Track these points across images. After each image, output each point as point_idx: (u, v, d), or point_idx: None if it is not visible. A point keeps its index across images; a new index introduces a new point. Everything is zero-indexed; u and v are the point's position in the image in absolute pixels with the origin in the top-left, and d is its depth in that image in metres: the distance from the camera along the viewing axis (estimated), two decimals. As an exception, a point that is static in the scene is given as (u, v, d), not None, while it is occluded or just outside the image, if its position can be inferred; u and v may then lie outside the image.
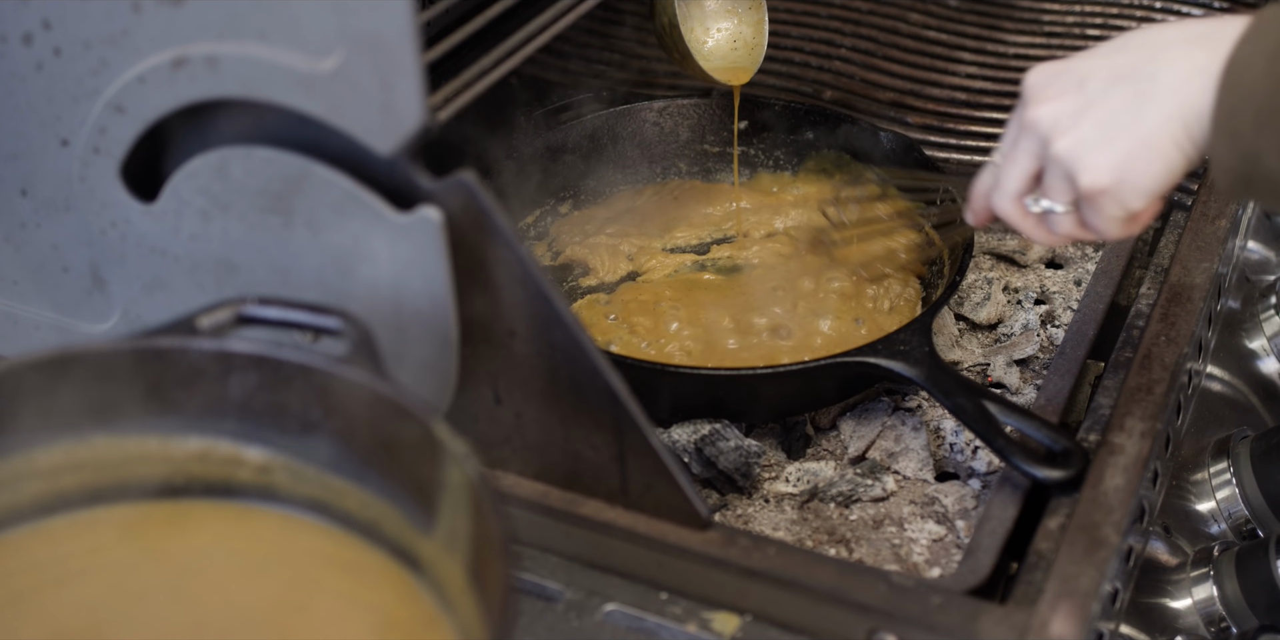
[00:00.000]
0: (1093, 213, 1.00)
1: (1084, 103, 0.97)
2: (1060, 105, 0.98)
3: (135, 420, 0.89)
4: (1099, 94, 0.96)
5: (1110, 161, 0.96)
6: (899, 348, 1.15)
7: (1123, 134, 0.95)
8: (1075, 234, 1.04)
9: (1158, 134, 0.93)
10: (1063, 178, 0.99)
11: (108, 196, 1.02)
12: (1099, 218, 1.00)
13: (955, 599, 0.96)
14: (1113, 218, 0.99)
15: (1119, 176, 0.96)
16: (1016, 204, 1.05)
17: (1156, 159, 0.94)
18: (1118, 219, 1.00)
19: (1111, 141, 0.95)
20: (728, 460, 1.16)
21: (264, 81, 0.91)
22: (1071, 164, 0.98)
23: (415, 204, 0.93)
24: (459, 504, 0.80)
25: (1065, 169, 0.98)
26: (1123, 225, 1.01)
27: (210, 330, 0.89)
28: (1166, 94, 0.93)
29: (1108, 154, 0.96)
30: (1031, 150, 1.01)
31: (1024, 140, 1.02)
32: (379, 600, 0.84)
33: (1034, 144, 1.01)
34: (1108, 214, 0.99)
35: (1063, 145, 0.98)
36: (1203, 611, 1.16)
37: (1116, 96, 0.95)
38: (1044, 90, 1.00)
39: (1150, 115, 0.93)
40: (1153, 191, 0.97)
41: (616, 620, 1.00)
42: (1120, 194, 0.97)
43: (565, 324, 0.95)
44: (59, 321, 1.13)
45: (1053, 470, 1.05)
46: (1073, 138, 0.97)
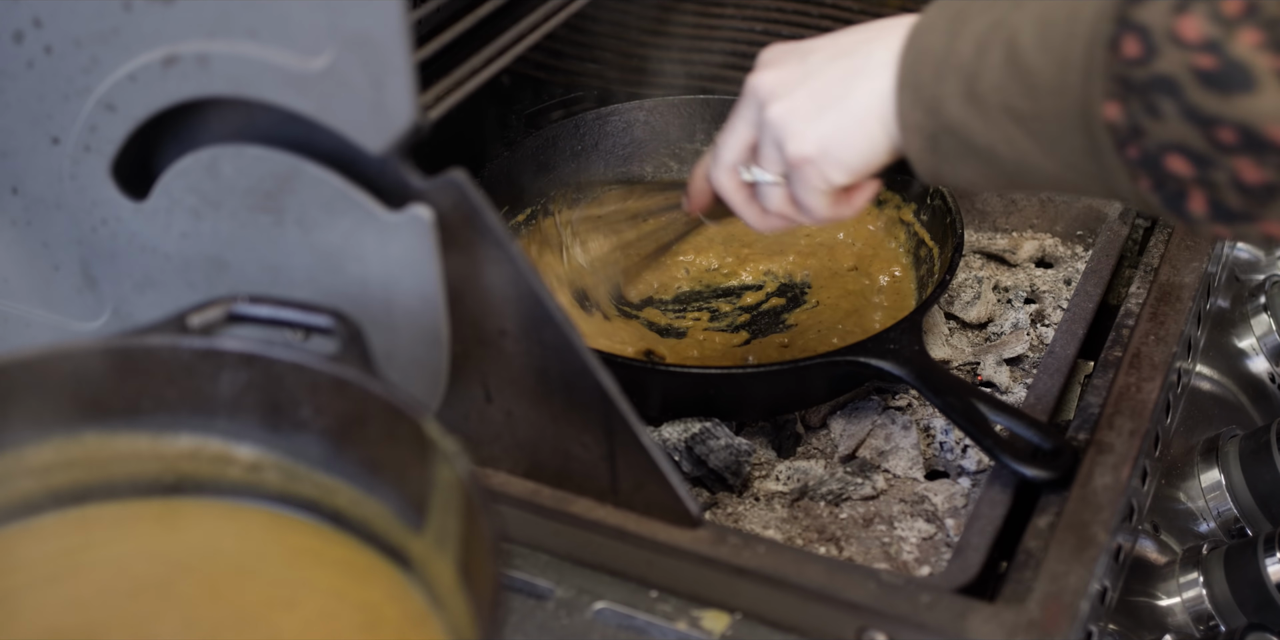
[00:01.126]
0: (799, 185, 0.99)
1: (803, 73, 0.97)
2: (780, 74, 0.98)
3: (126, 418, 0.89)
4: (818, 66, 0.96)
5: (817, 132, 0.96)
6: (888, 346, 1.15)
7: (832, 106, 0.95)
8: (786, 212, 1.04)
9: (865, 109, 0.94)
10: (773, 144, 0.99)
11: (98, 195, 1.02)
12: (805, 190, 0.99)
13: (944, 597, 0.96)
14: (818, 191, 0.99)
15: (823, 147, 0.96)
16: (732, 174, 1.05)
17: (861, 134, 0.94)
18: (823, 193, 0.99)
19: (821, 112, 0.96)
20: (718, 459, 1.16)
21: (254, 80, 0.91)
22: (781, 131, 0.97)
23: (406, 203, 0.93)
24: (449, 502, 0.80)
25: (775, 135, 0.98)
26: (830, 202, 1.00)
27: (201, 328, 0.89)
28: (878, 69, 0.93)
29: (816, 124, 0.96)
30: (749, 117, 1.01)
31: (743, 107, 1.02)
32: (369, 598, 0.85)
33: (751, 111, 1.01)
34: (812, 185, 0.99)
35: (775, 111, 0.97)
36: (1191, 610, 1.16)
37: (833, 70, 0.95)
38: (771, 61, 1.00)
39: (860, 90, 0.94)
40: (855, 167, 0.96)
41: (606, 618, 1.00)
42: (823, 166, 0.97)
43: (556, 323, 0.95)
44: (50, 319, 1.13)
45: (1042, 469, 1.06)
46: (786, 105, 0.97)
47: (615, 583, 1.02)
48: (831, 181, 0.98)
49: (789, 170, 1.00)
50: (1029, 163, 0.86)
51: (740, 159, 1.04)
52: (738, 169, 1.05)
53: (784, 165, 1.00)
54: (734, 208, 1.07)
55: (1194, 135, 0.78)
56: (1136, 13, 0.78)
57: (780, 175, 1.01)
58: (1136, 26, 0.78)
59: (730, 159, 1.04)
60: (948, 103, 0.88)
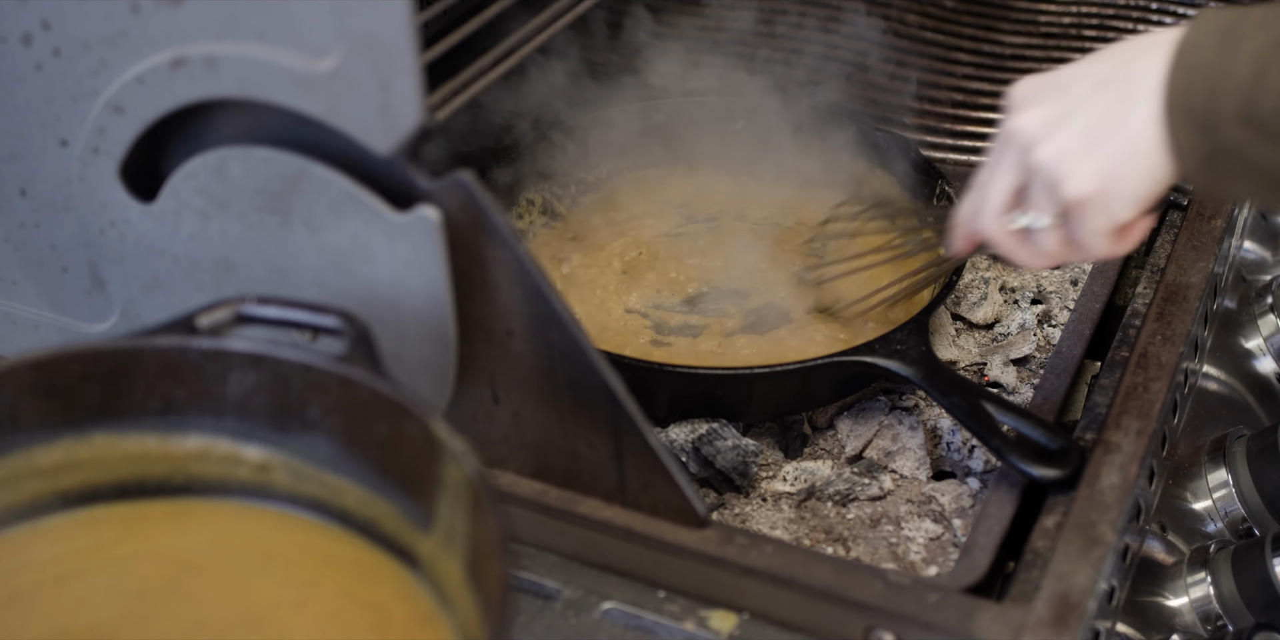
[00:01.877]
0: (1078, 226, 0.96)
1: (1066, 110, 0.94)
2: (1041, 113, 0.95)
3: (134, 419, 0.89)
4: (1081, 100, 0.93)
5: (1094, 168, 0.92)
6: (895, 347, 1.16)
7: (1106, 139, 0.92)
8: (1062, 253, 1.00)
9: (1143, 137, 0.90)
10: (1046, 188, 0.95)
11: (106, 196, 1.03)
12: (1085, 231, 0.96)
13: (952, 597, 0.96)
14: (1099, 231, 0.95)
15: (1104, 184, 0.92)
16: (999, 221, 1.01)
17: (1142, 165, 0.91)
18: (1104, 233, 0.95)
19: (1095, 147, 0.92)
20: (725, 459, 1.16)
21: (262, 81, 0.92)
22: (1054, 173, 0.94)
23: (413, 203, 0.94)
24: (457, 502, 0.80)
25: (1048, 179, 0.94)
26: (1110, 241, 0.97)
27: (209, 329, 0.89)
28: (1148, 94, 0.90)
29: (1092, 160, 0.92)
30: (1014, 162, 0.97)
31: (1006, 153, 0.98)
32: (377, 598, 0.85)
33: (1016, 155, 0.97)
34: (1094, 226, 0.95)
35: (1044, 153, 0.94)
36: (1199, 610, 1.16)
37: (1099, 102, 0.92)
38: (1027, 100, 0.97)
39: (1134, 118, 0.90)
40: (1140, 199, 0.93)
41: (614, 618, 1.00)
42: (1106, 203, 0.93)
43: (563, 323, 0.95)
44: (58, 321, 1.13)
45: (1049, 469, 1.06)
46: (1055, 145, 0.94)
47: (623, 583, 1.02)
48: (1116, 219, 0.94)
49: (1066, 212, 0.96)
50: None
51: (1008, 205, 1.00)
52: (1005, 215, 1.00)
53: (1059, 208, 0.96)
54: (1005, 252, 1.03)
55: None
56: None
57: (1055, 217, 0.97)
58: None
59: (997, 205, 1.00)
60: (1225, 124, 0.86)
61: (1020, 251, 1.02)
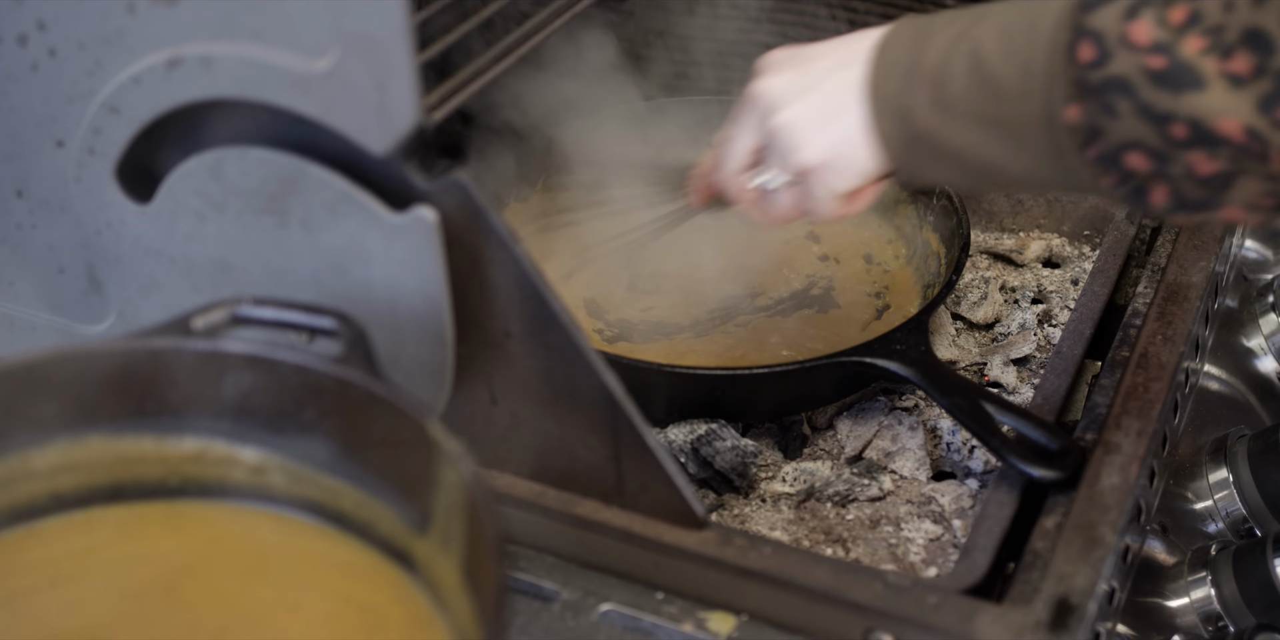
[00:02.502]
0: (808, 191, 1.01)
1: (807, 82, 0.98)
2: (784, 80, 0.99)
3: (130, 421, 0.88)
4: (821, 75, 0.97)
5: (825, 140, 0.97)
6: (895, 347, 1.15)
7: (837, 116, 0.96)
8: (794, 212, 1.05)
9: (861, 120, 0.95)
10: (781, 152, 1.00)
11: (103, 197, 1.02)
12: (814, 196, 1.01)
13: (951, 598, 0.96)
14: (824, 198, 1.00)
15: (832, 155, 0.97)
16: (738, 178, 1.06)
17: (866, 142, 0.95)
18: (830, 199, 1.01)
19: (827, 121, 0.96)
20: (724, 460, 1.16)
21: (258, 81, 0.91)
22: (790, 138, 0.98)
23: (410, 204, 0.93)
24: (453, 504, 0.80)
25: (784, 143, 0.99)
26: (838, 204, 1.02)
27: (204, 331, 0.88)
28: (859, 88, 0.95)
29: (823, 133, 0.97)
30: (755, 123, 1.02)
31: (750, 114, 1.02)
32: (373, 600, 0.84)
33: (758, 117, 1.01)
34: (819, 194, 1.00)
35: (782, 119, 0.98)
36: (1200, 611, 1.16)
37: (836, 80, 0.96)
38: (774, 66, 1.01)
39: (856, 103, 0.95)
40: (862, 173, 0.98)
41: (613, 620, 1.00)
42: (831, 173, 0.98)
43: (561, 324, 0.95)
44: (55, 323, 1.13)
45: (1049, 469, 1.05)
46: (791, 113, 0.98)
47: (621, 584, 1.02)
48: (841, 187, 1.00)
49: (797, 177, 1.01)
50: (997, 164, 0.90)
51: (746, 164, 1.05)
52: (743, 172, 1.05)
53: (792, 172, 1.01)
54: (741, 208, 1.09)
55: (1149, 132, 0.82)
56: (1090, 19, 0.83)
57: (787, 180, 1.02)
58: (1091, 32, 0.83)
59: (736, 164, 1.05)
60: (917, 111, 0.91)
61: (755, 208, 1.08)
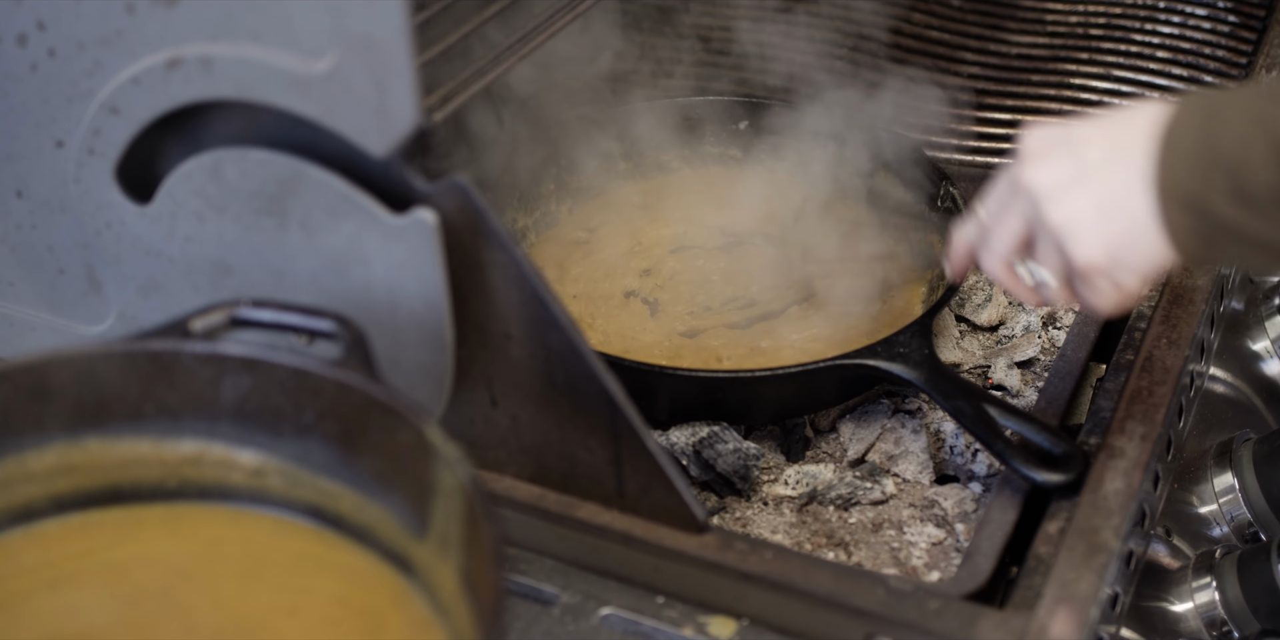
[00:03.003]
0: (1085, 288, 0.96)
1: (1080, 174, 0.93)
2: (1056, 172, 0.94)
3: (129, 423, 0.88)
4: (1095, 167, 0.92)
5: (1104, 240, 0.92)
6: (898, 350, 1.15)
7: (1118, 214, 0.91)
8: (1066, 303, 1.03)
9: (1150, 216, 0.90)
10: (1055, 249, 0.96)
11: (103, 198, 1.02)
12: (1091, 293, 0.96)
13: (953, 604, 0.95)
14: (1107, 295, 0.96)
15: (1112, 256, 0.92)
16: (1005, 267, 1.01)
17: (1150, 240, 0.91)
18: (1110, 296, 0.96)
19: (1106, 220, 0.92)
20: (726, 463, 1.15)
21: (257, 82, 0.91)
22: (1065, 237, 0.94)
23: (410, 206, 0.93)
24: (451, 508, 0.80)
25: (1058, 241, 0.95)
26: (1117, 300, 0.97)
27: (203, 333, 0.88)
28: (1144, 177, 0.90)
29: (1102, 232, 0.92)
30: (1023, 213, 0.97)
31: (1016, 202, 0.98)
32: (372, 605, 0.84)
33: (1027, 208, 0.97)
34: (1102, 291, 0.95)
35: (1057, 216, 0.94)
36: (1204, 615, 1.15)
37: (1114, 173, 0.91)
38: (1040, 153, 0.96)
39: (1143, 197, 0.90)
40: (1147, 271, 0.93)
41: (613, 624, 1.00)
42: (1113, 273, 0.94)
43: (561, 327, 0.94)
44: (55, 323, 1.12)
45: (1052, 474, 1.05)
46: (1068, 210, 0.93)
47: (622, 588, 1.02)
48: (1124, 288, 0.95)
49: (1073, 275, 0.96)
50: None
51: (1014, 252, 1.00)
52: (1010, 260, 1.01)
53: (1069, 270, 0.96)
54: (1009, 292, 1.04)
55: None
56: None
57: (1062, 276, 0.98)
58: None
59: (1004, 252, 1.00)
60: (1216, 204, 0.86)
61: (1025, 294, 1.03)
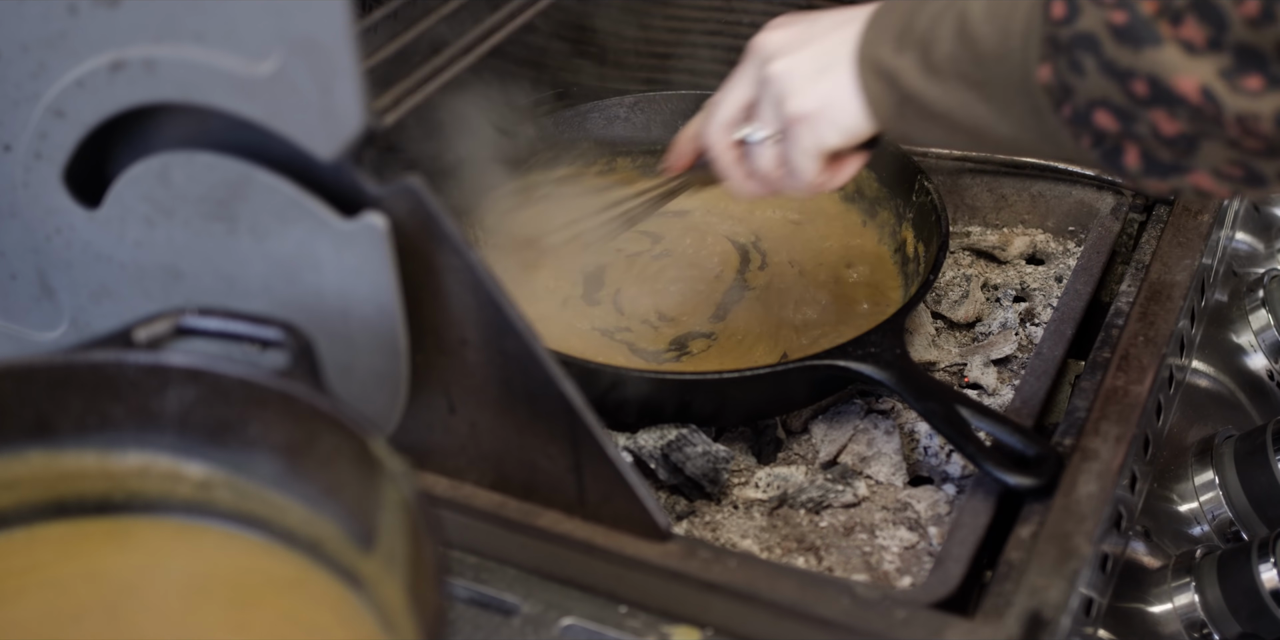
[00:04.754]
0: (793, 144, 1.00)
1: (808, 35, 0.99)
2: (787, 34, 1.00)
3: (72, 435, 0.86)
4: (824, 30, 0.98)
5: (818, 90, 0.97)
6: (869, 350, 1.12)
7: (832, 68, 0.96)
8: (774, 175, 1.04)
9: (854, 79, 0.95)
10: (773, 100, 1.00)
11: (51, 203, 1.00)
12: (798, 150, 1.00)
13: (920, 613, 0.93)
14: (810, 151, 1.00)
15: (822, 105, 0.97)
16: (725, 132, 1.05)
17: (858, 98, 0.95)
18: (814, 155, 1.00)
19: (822, 73, 0.97)
20: (695, 466, 1.13)
21: (202, 85, 0.89)
22: (783, 87, 0.99)
23: (361, 210, 0.91)
24: (396, 523, 0.78)
25: (776, 91, 0.99)
26: (819, 167, 1.01)
27: (147, 342, 0.86)
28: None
29: (817, 84, 0.97)
30: (750, 75, 1.02)
31: (745, 66, 1.03)
32: (319, 621, 0.82)
33: (753, 69, 1.02)
34: (805, 146, 0.99)
35: (778, 67, 0.99)
36: (1184, 617, 1.13)
37: (837, 34, 0.97)
38: (778, 24, 1.02)
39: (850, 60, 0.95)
40: (850, 128, 0.97)
41: (575, 634, 0.98)
42: (820, 124, 0.98)
43: (517, 332, 0.92)
44: (8, 329, 1.10)
45: (1025, 476, 1.02)
46: (789, 62, 0.98)
47: (584, 597, 0.99)
48: (825, 142, 0.99)
49: (785, 128, 1.00)
50: (984, 126, 0.90)
51: (736, 118, 1.05)
52: (731, 127, 1.05)
53: (781, 122, 1.00)
54: (720, 167, 1.07)
55: (1113, 89, 0.82)
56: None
57: (773, 134, 1.02)
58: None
59: (726, 116, 1.05)
60: (905, 73, 0.92)
61: (735, 169, 1.07)
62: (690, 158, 1.13)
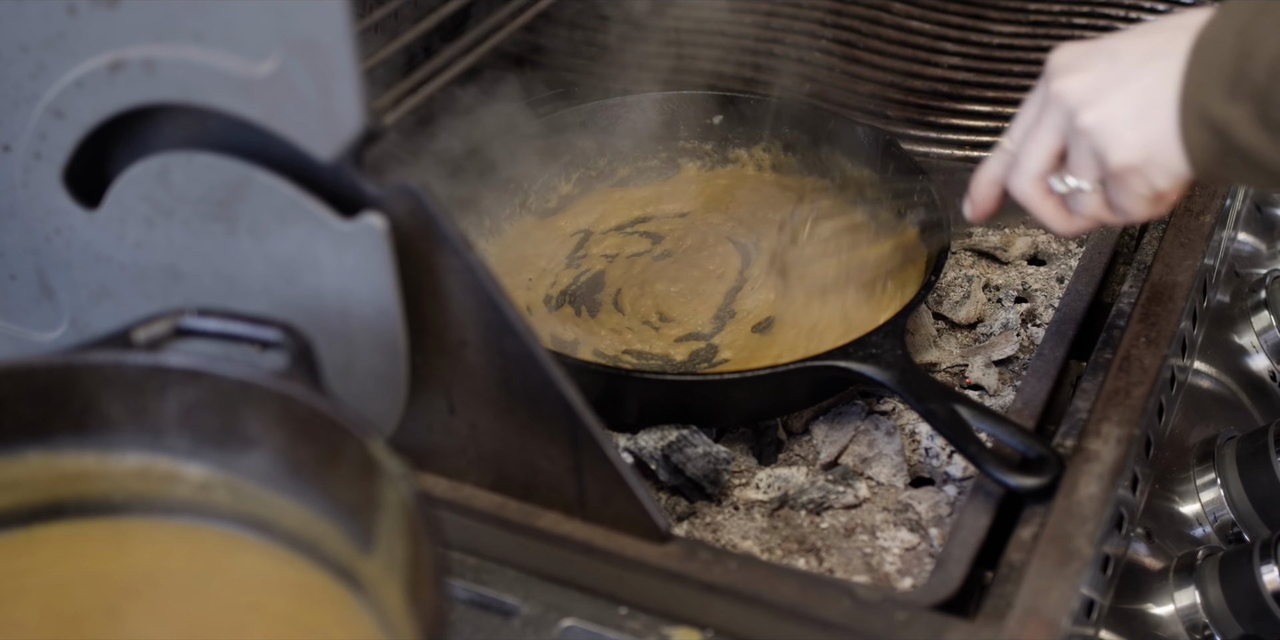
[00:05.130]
0: (1120, 192, 0.96)
1: (1116, 77, 0.93)
2: (1089, 78, 0.94)
3: (71, 437, 0.86)
4: (1132, 68, 0.92)
5: (1141, 137, 0.92)
6: (870, 351, 1.12)
7: (1157, 110, 0.91)
8: (1099, 216, 1.00)
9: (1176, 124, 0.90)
10: (1090, 154, 0.95)
11: (51, 203, 1.00)
12: (1127, 197, 0.96)
13: (920, 615, 0.93)
14: (1141, 197, 0.95)
15: (1149, 154, 0.92)
16: (1038, 185, 1.01)
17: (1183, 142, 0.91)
18: (1146, 198, 0.96)
19: (1144, 117, 0.91)
20: (695, 467, 1.13)
21: (201, 85, 0.89)
22: (1101, 139, 0.94)
23: (361, 210, 0.90)
24: (396, 525, 0.77)
25: (1094, 144, 0.94)
26: (1151, 205, 0.97)
27: (146, 343, 0.86)
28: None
29: (1139, 130, 0.92)
30: (1056, 125, 0.97)
31: (1048, 115, 0.98)
32: (318, 622, 0.82)
33: (1059, 119, 0.97)
34: (1136, 192, 0.95)
35: (1091, 118, 0.94)
36: (1186, 619, 1.13)
37: (1151, 72, 0.91)
38: (1072, 65, 0.96)
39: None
40: (1182, 172, 0.93)
41: (575, 636, 0.97)
42: (1149, 172, 0.93)
43: (517, 333, 0.92)
44: (8, 330, 1.10)
45: (1026, 478, 1.02)
46: (1102, 110, 0.93)
47: (584, 599, 0.99)
48: (1157, 187, 0.94)
49: (1109, 179, 0.96)
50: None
51: (1047, 169, 1.00)
52: (1046, 179, 1.01)
53: (1102, 173, 0.96)
54: (1040, 215, 1.03)
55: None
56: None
57: (1097, 182, 0.98)
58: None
59: (1037, 169, 1.00)
60: (1238, 127, 0.86)
61: (1056, 215, 1.02)
62: (995, 203, 1.08)
